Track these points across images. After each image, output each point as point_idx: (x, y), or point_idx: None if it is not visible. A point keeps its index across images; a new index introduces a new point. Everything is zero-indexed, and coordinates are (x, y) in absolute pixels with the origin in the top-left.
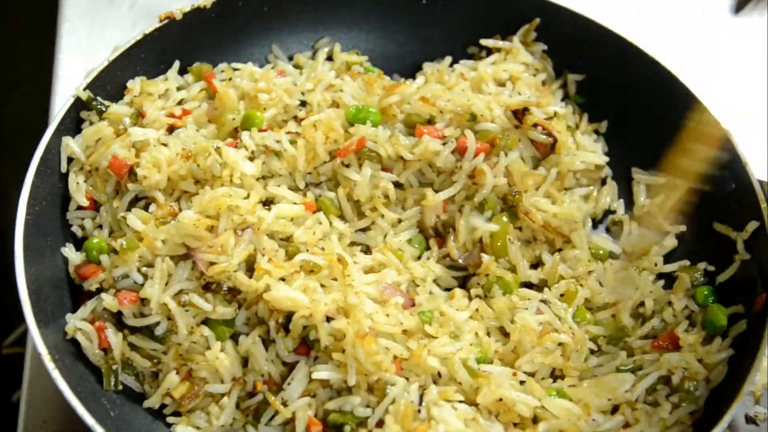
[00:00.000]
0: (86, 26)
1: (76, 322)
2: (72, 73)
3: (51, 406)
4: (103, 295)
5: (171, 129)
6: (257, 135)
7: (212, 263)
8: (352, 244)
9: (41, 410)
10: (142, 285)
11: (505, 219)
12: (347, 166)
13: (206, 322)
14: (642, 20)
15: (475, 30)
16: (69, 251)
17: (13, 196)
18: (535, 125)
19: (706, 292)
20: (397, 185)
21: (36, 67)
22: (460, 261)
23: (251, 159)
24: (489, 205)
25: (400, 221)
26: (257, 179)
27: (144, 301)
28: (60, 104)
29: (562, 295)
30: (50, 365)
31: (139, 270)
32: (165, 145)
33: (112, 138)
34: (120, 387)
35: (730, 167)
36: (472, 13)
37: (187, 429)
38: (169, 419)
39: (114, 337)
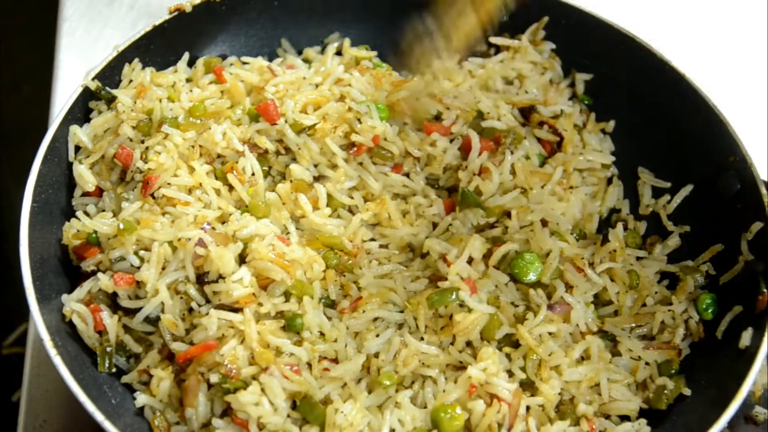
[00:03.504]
0: (86, 26)
1: (72, 304)
2: (72, 73)
3: (51, 406)
4: (99, 274)
5: None
6: None
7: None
8: None
9: (41, 410)
10: (139, 268)
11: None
12: (360, 164)
13: None
14: (650, 19)
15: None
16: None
17: (13, 194)
18: (542, 123)
19: (708, 301)
20: None
21: (36, 67)
22: None
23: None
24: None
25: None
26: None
27: (140, 284)
28: (60, 104)
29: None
30: (52, 351)
31: (136, 253)
32: None
33: (119, 127)
34: (114, 369)
35: (735, 167)
36: None
37: (150, 399)
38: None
39: (109, 320)
